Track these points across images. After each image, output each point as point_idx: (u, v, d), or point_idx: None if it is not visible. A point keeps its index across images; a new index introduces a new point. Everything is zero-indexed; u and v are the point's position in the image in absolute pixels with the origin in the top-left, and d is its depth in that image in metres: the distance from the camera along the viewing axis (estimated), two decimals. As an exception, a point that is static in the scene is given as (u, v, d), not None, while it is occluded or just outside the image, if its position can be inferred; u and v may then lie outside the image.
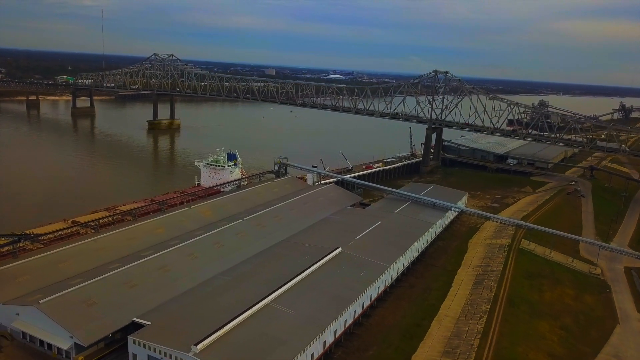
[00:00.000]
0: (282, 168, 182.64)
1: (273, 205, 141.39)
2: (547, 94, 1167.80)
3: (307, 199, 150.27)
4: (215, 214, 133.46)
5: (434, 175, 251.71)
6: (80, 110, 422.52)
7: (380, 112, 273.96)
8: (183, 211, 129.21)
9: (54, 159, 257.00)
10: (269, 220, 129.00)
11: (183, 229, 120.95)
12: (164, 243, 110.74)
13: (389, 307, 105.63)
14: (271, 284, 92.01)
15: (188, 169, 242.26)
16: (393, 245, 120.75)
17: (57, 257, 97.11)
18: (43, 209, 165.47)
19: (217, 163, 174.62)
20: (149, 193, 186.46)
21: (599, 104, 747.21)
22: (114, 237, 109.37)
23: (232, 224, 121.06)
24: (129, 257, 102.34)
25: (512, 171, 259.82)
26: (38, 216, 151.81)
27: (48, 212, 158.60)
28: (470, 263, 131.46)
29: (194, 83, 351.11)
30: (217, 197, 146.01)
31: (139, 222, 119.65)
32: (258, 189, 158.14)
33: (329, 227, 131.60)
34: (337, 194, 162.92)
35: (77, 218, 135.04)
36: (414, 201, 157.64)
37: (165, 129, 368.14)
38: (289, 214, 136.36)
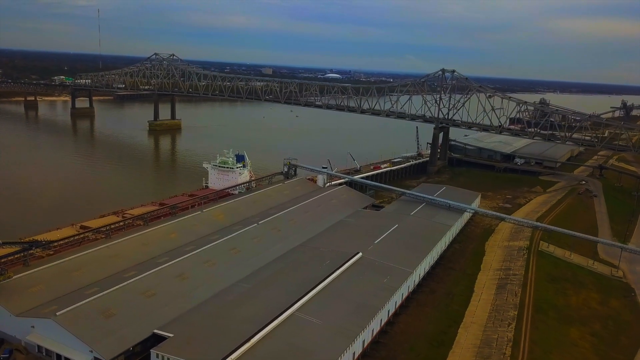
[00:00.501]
0: (292, 169, 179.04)
1: (286, 208, 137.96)
2: (544, 92, 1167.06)
3: (320, 201, 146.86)
4: (228, 217, 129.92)
5: (442, 175, 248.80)
6: (79, 110, 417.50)
7: (387, 111, 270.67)
8: (195, 215, 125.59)
9: (56, 161, 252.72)
10: (284, 224, 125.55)
11: (197, 234, 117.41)
12: (178, 249, 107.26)
13: (412, 314, 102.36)
14: (294, 292, 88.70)
15: (193, 170, 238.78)
16: (413, 249, 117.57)
17: (70, 265, 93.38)
18: (49, 213, 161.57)
19: (225, 165, 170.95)
20: (156, 196, 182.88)
21: (597, 102, 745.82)
22: (126, 243, 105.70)
23: (247, 228, 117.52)
24: (144, 264, 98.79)
25: (520, 170, 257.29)
26: (45, 221, 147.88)
27: (55, 217, 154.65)
28: (490, 266, 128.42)
29: (196, 83, 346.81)
30: (228, 200, 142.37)
31: (151, 227, 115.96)
32: (269, 191, 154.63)
33: (345, 230, 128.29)
34: (349, 195, 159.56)
35: (85, 223, 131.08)
36: (428, 203, 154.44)
37: (166, 129, 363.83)
38: (303, 217, 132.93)
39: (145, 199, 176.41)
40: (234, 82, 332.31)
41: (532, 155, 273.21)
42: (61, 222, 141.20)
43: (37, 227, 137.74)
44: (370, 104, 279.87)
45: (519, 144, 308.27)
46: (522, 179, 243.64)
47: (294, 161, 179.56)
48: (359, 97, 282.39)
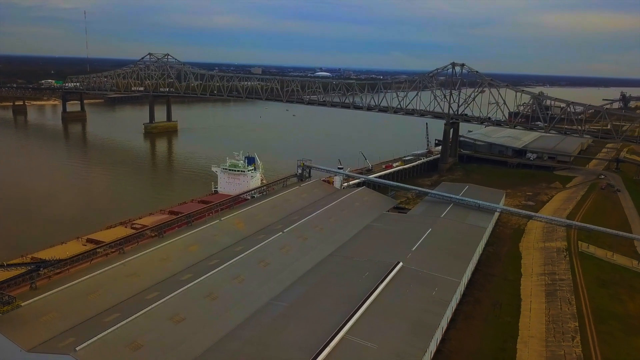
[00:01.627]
0: (306, 171, 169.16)
1: (308, 213, 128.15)
2: (534, 86, 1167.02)
3: (343, 205, 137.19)
4: (248, 225, 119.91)
5: (454, 173, 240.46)
6: (70, 114, 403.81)
7: (394, 108, 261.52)
8: (214, 224, 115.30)
9: (51, 168, 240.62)
10: (310, 231, 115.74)
11: (218, 245, 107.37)
12: (201, 263, 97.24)
13: (462, 329, 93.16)
14: (339, 311, 79.14)
15: (198, 174, 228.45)
16: (454, 255, 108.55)
17: (84, 287, 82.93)
18: (50, 225, 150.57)
19: (235, 168, 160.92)
20: (162, 202, 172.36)
21: (589, 95, 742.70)
22: (144, 259, 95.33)
23: (272, 237, 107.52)
24: (166, 282, 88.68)
25: (534, 166, 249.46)
26: (46, 234, 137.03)
27: (57, 230, 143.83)
28: (531, 271, 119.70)
29: (192, 83, 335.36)
30: (245, 207, 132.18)
31: (168, 240, 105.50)
32: (286, 195, 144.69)
33: (376, 236, 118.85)
34: (371, 198, 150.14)
35: (92, 235, 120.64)
36: (455, 203, 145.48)
37: (162, 132, 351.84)
38: (328, 222, 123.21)
39: (151, 206, 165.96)
40: (232, 81, 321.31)
41: (544, 149, 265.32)
42: (65, 235, 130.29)
43: (39, 242, 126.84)
44: (377, 101, 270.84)
45: (527, 138, 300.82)
46: (537, 175, 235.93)
47: (308, 162, 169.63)
48: (364, 94, 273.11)
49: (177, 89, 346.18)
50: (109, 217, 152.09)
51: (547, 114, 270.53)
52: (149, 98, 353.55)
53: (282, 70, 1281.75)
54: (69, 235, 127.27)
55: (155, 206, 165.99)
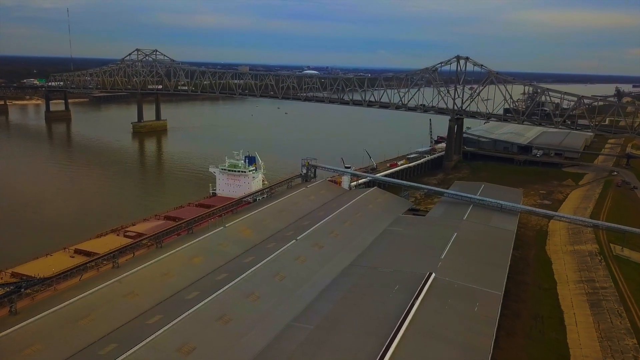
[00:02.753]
0: (311, 171, 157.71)
1: (319, 217, 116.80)
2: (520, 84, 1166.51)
3: (356, 207, 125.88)
4: (256, 232, 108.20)
5: (461, 171, 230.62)
6: (54, 114, 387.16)
7: (396, 104, 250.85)
8: (218, 232, 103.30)
9: (33, 170, 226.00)
10: (325, 238, 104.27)
11: (225, 256, 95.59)
12: (208, 278, 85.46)
13: (506, 348, 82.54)
14: (374, 333, 67.98)
15: (192, 175, 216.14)
16: (487, 263, 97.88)
17: (74, 310, 70.66)
18: (33, 233, 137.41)
19: (235, 168, 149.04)
20: (156, 206, 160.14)
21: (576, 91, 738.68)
22: (142, 274, 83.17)
23: (284, 246, 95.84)
24: (169, 302, 76.79)
25: (541, 162, 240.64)
26: (29, 244, 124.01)
27: (40, 239, 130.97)
28: (566, 278, 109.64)
29: (182, 80, 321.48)
30: (250, 211, 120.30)
31: (168, 250, 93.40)
32: (293, 198, 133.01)
33: (397, 243, 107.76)
34: (384, 199, 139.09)
35: (80, 245, 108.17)
36: (475, 204, 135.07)
37: (151, 131, 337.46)
38: (343, 228, 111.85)
39: (145, 211, 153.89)
40: (224, 78, 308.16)
41: (550, 146, 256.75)
42: (50, 245, 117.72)
43: (20, 253, 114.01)
44: (376, 97, 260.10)
45: (530, 134, 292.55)
46: (546, 172, 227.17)
47: (313, 161, 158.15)
48: (363, 90, 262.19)
49: (166, 87, 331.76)
50: (98, 224, 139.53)
51: (543, 110, 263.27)
52: (137, 96, 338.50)
53: (269, 68, 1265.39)
54: (55, 245, 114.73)
55: (149, 211, 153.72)
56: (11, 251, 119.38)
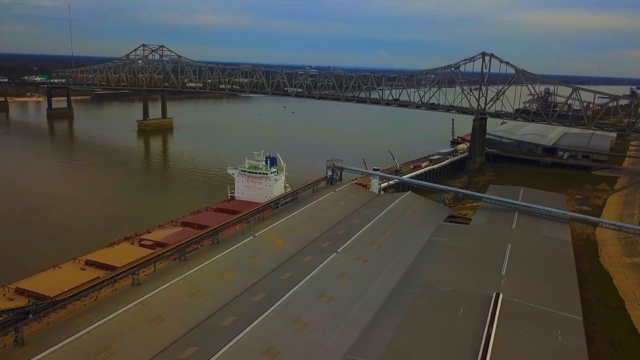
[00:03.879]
0: (337, 173, 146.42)
1: (356, 226, 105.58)
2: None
3: (393, 214, 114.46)
4: (288, 242, 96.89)
5: (485, 173, 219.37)
6: (56, 111, 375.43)
7: (416, 103, 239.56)
8: (248, 242, 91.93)
9: (35, 171, 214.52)
10: (367, 251, 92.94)
11: (258, 271, 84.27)
12: (243, 299, 74.23)
13: (589, 382, 71.05)
14: (452, 373, 56.61)
15: (205, 176, 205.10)
16: (553, 280, 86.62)
17: (91, 341, 59.26)
18: (36, 241, 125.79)
19: (256, 170, 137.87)
20: (170, 211, 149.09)
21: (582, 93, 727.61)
22: (167, 294, 71.74)
23: (325, 260, 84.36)
24: (202, 330, 65.50)
25: (568, 165, 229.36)
26: (33, 254, 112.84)
27: (46, 247, 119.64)
28: (633, 296, 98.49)
29: (191, 77, 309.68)
30: (278, 218, 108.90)
31: (194, 264, 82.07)
32: (322, 203, 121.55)
33: (447, 256, 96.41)
34: (421, 205, 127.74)
35: (91, 256, 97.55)
36: (521, 211, 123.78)
37: (157, 129, 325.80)
38: (384, 238, 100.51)
39: (158, 216, 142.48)
40: (235, 76, 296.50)
41: (577, 147, 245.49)
42: (57, 254, 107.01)
43: (25, 264, 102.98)
44: (394, 95, 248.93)
45: (553, 135, 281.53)
46: (574, 175, 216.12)
47: (339, 163, 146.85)
48: (380, 88, 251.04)
49: (173, 84, 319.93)
50: (109, 231, 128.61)
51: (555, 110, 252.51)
52: (143, 93, 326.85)
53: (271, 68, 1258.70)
54: (63, 254, 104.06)
55: (162, 215, 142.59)
56: (14, 262, 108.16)
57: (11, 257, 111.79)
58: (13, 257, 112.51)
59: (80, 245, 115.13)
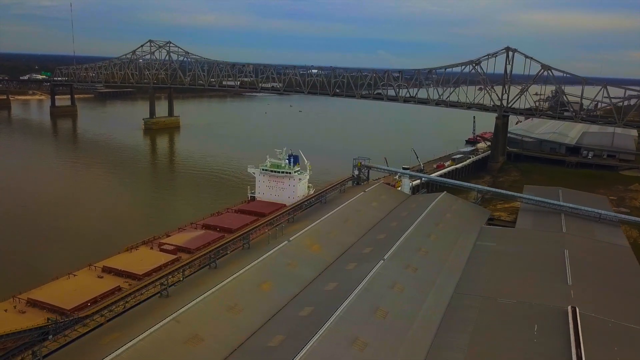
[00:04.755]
0: (363, 172, 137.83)
1: (396, 229, 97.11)
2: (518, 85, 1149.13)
3: (434, 217, 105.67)
4: (325, 248, 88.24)
5: (510, 173, 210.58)
6: (60, 109, 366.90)
7: (435, 100, 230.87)
8: (283, 247, 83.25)
9: (42, 170, 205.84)
10: (415, 257, 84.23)
11: (298, 280, 75.62)
12: (287, 313, 65.63)
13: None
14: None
15: (216, 176, 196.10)
16: (625, 290, 77.97)
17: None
18: (47, 246, 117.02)
19: (279, 169, 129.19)
20: (186, 212, 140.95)
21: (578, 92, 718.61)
22: (202, 308, 63.11)
23: (373, 269, 75.45)
24: (247, 351, 56.94)
25: (594, 165, 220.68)
26: (44, 260, 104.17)
27: (57, 252, 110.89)
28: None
29: (200, 74, 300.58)
30: (310, 220, 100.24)
31: (226, 272, 73.43)
32: (353, 204, 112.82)
33: (499, 263, 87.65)
34: (459, 206, 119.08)
35: (108, 261, 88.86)
36: (566, 213, 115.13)
37: (163, 128, 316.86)
38: (429, 243, 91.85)
39: (174, 218, 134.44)
40: (245, 74, 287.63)
41: (602, 146, 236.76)
42: (70, 260, 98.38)
43: (37, 271, 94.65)
44: (411, 92, 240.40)
45: (572, 133, 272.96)
46: (601, 175, 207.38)
47: (366, 161, 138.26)
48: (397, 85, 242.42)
49: (181, 81, 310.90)
50: (125, 234, 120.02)
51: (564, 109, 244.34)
52: (150, 90, 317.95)
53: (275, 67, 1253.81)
54: (77, 260, 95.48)
55: (178, 217, 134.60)
56: (24, 268, 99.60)
57: (21, 263, 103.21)
58: (23, 263, 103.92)
59: (95, 250, 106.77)
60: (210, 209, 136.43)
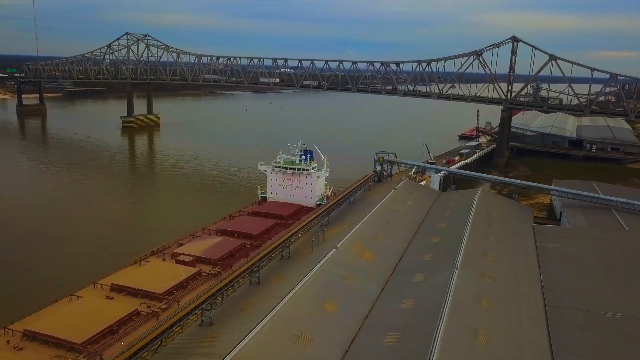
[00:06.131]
0: (386, 168, 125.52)
1: (449, 231, 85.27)
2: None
3: (482, 216, 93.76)
4: (379, 256, 75.39)
5: (518, 168, 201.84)
6: (27, 108, 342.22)
7: (437, 93, 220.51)
8: (332, 256, 69.91)
9: (20, 176, 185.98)
10: (486, 264, 72.22)
11: (364, 298, 62.71)
12: (367, 341, 52.52)
13: None
14: None
15: (214, 176, 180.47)
16: None
17: None
18: (36, 260, 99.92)
19: (294, 166, 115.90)
20: (190, 215, 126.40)
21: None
22: (264, 341, 49.29)
23: (452, 280, 62.86)
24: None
25: (600, 158, 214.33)
26: (36, 279, 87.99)
27: (50, 267, 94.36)
28: None
29: (183, 69, 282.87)
30: (349, 223, 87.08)
31: (279, 292, 59.76)
32: (389, 204, 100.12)
33: (578, 269, 76.17)
34: (501, 204, 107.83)
35: (116, 278, 75.11)
36: (616, 208, 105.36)
37: (143, 126, 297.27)
38: (491, 246, 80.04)
39: (180, 222, 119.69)
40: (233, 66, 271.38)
41: (605, 139, 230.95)
42: (68, 276, 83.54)
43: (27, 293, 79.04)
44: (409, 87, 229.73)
45: (570, 127, 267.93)
46: (610, 169, 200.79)
47: (389, 156, 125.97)
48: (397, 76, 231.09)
49: (162, 76, 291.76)
50: (127, 242, 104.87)
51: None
52: (127, 87, 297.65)
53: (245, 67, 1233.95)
54: (76, 276, 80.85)
55: (182, 221, 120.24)
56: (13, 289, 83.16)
57: (7, 281, 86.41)
58: (10, 281, 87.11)
59: (95, 262, 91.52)
60: (216, 211, 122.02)
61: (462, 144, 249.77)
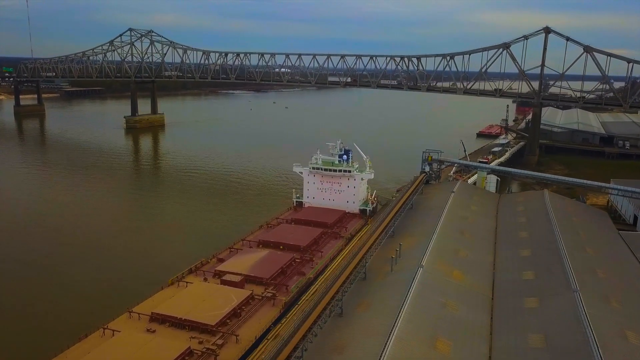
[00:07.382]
0: (435, 168, 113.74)
1: (535, 242, 73.60)
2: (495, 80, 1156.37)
3: (565, 224, 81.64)
4: (469, 275, 63.40)
5: (553, 167, 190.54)
6: (25, 108, 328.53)
7: (464, 88, 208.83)
8: (423, 278, 57.84)
9: (19, 179, 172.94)
10: (602, 284, 60.56)
11: (476, 331, 50.84)
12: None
13: None
14: None
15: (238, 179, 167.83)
16: None
17: None
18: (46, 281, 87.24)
19: (335, 167, 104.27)
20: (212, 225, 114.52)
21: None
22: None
23: (581, 309, 51.12)
24: None
25: (634, 155, 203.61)
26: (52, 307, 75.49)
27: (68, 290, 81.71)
28: None
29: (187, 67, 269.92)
30: (413, 234, 75.19)
31: (376, 327, 47.92)
32: (455, 210, 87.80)
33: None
34: (574, 208, 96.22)
35: (154, 304, 64.00)
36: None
37: (147, 126, 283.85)
38: (593, 260, 68.35)
39: (210, 232, 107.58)
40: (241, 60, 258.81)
41: (637, 135, 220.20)
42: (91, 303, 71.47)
43: (58, 322, 67.05)
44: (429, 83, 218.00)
45: (594, 123, 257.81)
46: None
47: (438, 155, 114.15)
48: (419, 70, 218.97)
49: (168, 74, 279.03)
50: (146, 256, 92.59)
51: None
52: (131, 85, 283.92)
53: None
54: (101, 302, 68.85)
55: (212, 230, 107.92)
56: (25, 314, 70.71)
57: (20, 307, 73.76)
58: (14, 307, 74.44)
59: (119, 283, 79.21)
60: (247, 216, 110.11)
61: (482, 142, 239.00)
